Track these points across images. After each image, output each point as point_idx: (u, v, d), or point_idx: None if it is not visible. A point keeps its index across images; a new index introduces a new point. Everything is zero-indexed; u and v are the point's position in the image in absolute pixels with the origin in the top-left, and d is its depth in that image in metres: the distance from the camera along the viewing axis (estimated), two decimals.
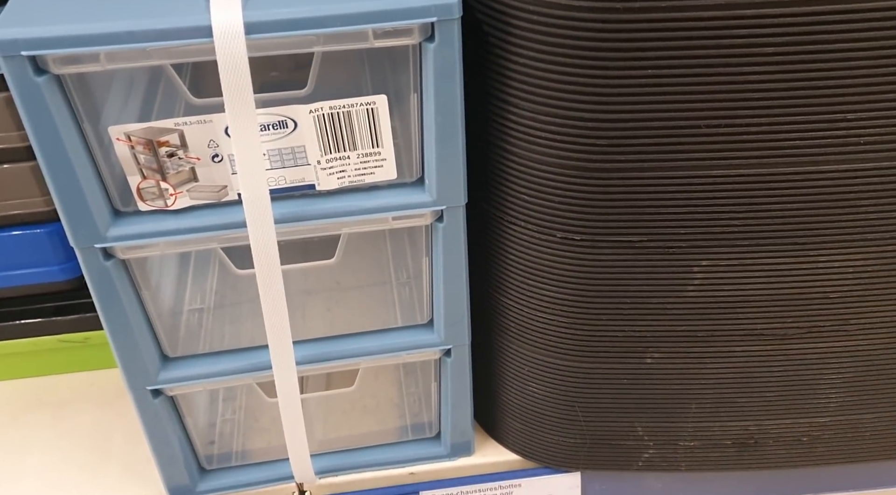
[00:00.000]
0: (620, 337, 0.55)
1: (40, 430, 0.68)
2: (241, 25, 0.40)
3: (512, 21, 0.43)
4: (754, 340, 0.55)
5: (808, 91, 0.43)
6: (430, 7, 0.42)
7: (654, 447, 0.62)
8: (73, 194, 0.45)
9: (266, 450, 0.64)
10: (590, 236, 0.50)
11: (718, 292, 0.52)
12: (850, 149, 0.45)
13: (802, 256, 0.50)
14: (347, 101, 0.45)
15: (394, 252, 0.66)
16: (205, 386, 0.56)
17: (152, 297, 0.52)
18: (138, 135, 0.44)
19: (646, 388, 0.58)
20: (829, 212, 0.48)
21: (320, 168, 0.47)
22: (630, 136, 0.45)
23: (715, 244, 0.50)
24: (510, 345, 0.58)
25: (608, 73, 0.43)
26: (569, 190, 0.48)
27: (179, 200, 0.47)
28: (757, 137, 0.45)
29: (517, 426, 0.63)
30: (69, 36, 0.39)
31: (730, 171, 0.46)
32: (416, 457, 0.64)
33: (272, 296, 0.48)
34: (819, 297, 0.52)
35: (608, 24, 0.41)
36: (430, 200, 0.49)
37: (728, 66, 0.42)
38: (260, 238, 0.46)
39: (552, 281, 0.53)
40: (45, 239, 0.65)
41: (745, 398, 0.58)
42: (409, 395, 0.67)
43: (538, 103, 0.45)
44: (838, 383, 0.58)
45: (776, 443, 0.61)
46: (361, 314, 0.63)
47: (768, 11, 0.40)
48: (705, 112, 0.44)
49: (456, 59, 0.44)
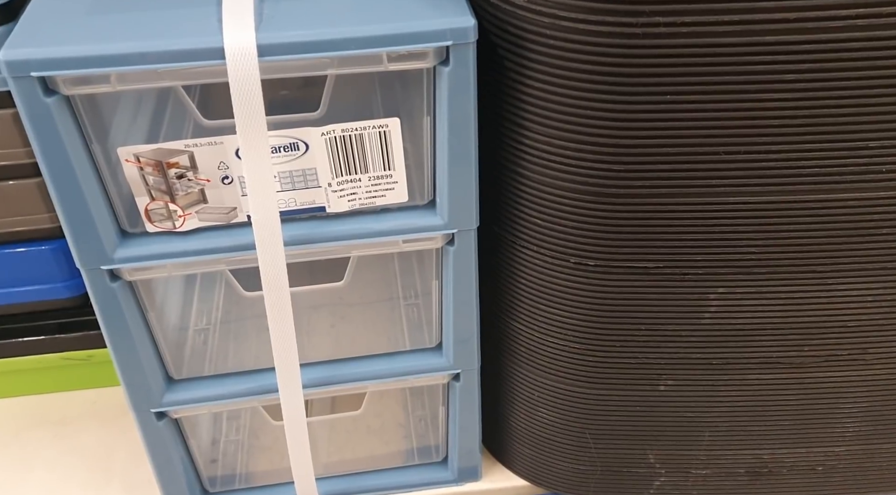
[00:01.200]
0: (634, 363, 0.54)
1: (42, 448, 0.67)
2: (254, 47, 0.39)
3: (528, 45, 0.42)
4: (770, 368, 0.54)
5: (828, 118, 0.42)
6: (446, 31, 0.41)
7: (665, 475, 0.61)
8: (81, 215, 0.44)
9: (270, 473, 0.63)
10: (604, 262, 0.49)
11: (734, 320, 0.51)
12: (872, 177, 0.45)
13: (821, 284, 0.49)
14: (360, 124, 0.44)
15: (401, 272, 0.65)
16: (210, 408, 0.55)
17: (158, 319, 0.51)
18: (147, 156, 0.43)
19: (658, 416, 0.57)
20: (848, 241, 0.47)
21: (331, 190, 0.47)
22: (646, 162, 0.44)
23: (731, 271, 0.49)
24: (520, 369, 0.57)
25: (625, 99, 0.42)
26: (583, 215, 0.47)
27: (188, 222, 0.46)
28: (776, 164, 0.44)
29: (526, 451, 0.62)
30: (80, 57, 0.39)
31: (748, 198, 0.46)
32: (423, 482, 0.63)
33: (280, 320, 0.48)
34: (837, 326, 0.51)
35: (626, 48, 0.40)
36: (441, 223, 0.49)
37: (747, 92, 0.41)
38: (269, 261, 0.45)
39: (564, 306, 0.52)
40: (49, 255, 0.64)
41: (759, 426, 0.57)
42: (416, 418, 0.66)
43: (553, 127, 0.44)
44: (855, 412, 0.56)
45: (791, 473, 0.60)
46: (368, 334, 0.62)
47: (789, 38, 0.39)
48: (724, 138, 0.43)
49: (471, 83, 0.43)
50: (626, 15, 0.39)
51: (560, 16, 0.40)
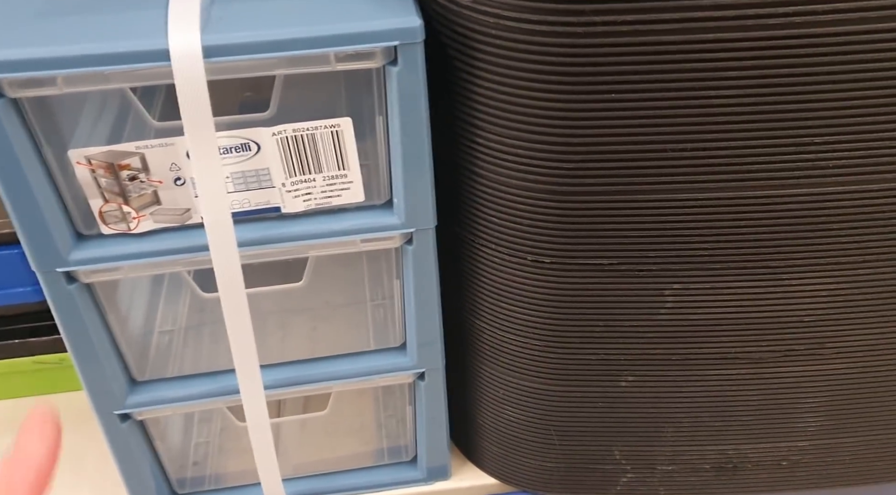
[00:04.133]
0: (594, 360, 0.54)
1: None
2: (199, 49, 0.40)
3: (475, 45, 0.43)
4: (729, 364, 0.54)
5: (773, 114, 0.43)
6: (393, 31, 0.41)
7: (631, 471, 0.61)
8: (33, 218, 0.44)
9: (240, 474, 0.63)
10: (560, 259, 0.49)
11: (691, 315, 0.51)
12: (820, 172, 0.45)
13: (774, 280, 0.50)
14: (311, 124, 0.45)
15: (370, 273, 0.65)
16: (174, 410, 0.55)
17: (119, 321, 0.51)
18: (98, 158, 0.43)
19: (622, 412, 0.57)
20: (799, 236, 0.48)
21: (285, 190, 0.47)
22: (596, 159, 0.45)
23: (686, 267, 0.49)
24: (484, 367, 0.57)
25: (571, 97, 0.42)
26: (537, 213, 0.47)
27: (143, 224, 0.46)
28: (724, 161, 0.44)
29: (494, 450, 0.62)
30: (24, 59, 0.39)
31: (698, 195, 0.46)
32: (392, 482, 0.63)
33: (237, 321, 0.48)
34: (793, 321, 0.52)
35: (569, 47, 0.40)
36: (398, 223, 0.49)
37: (691, 89, 0.42)
38: (223, 262, 0.45)
39: (524, 304, 0.52)
40: (17, 259, 0.64)
41: (721, 422, 0.57)
42: (387, 418, 0.66)
43: (504, 127, 0.45)
44: (816, 407, 0.57)
45: (755, 468, 0.60)
46: (334, 335, 0.62)
47: (729, 35, 0.40)
48: (670, 135, 0.43)
49: (420, 83, 0.43)
50: (567, 14, 0.39)
51: (504, 15, 0.40)
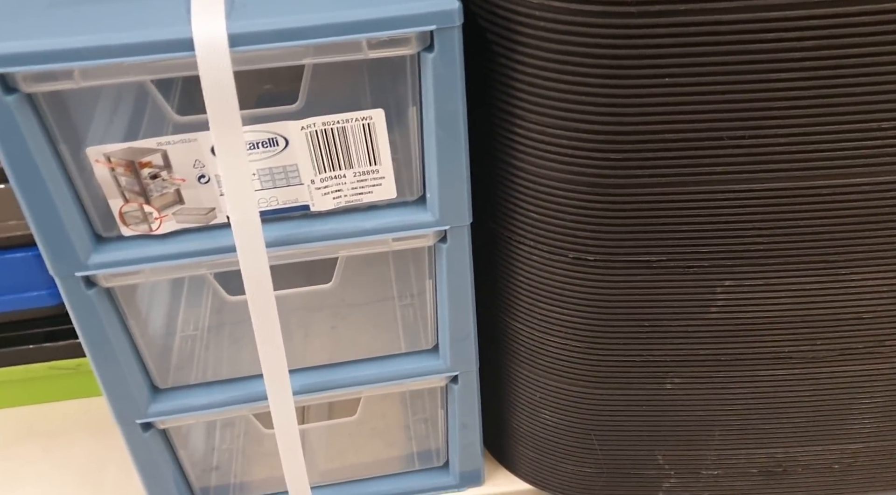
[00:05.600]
0: (638, 361, 0.52)
1: (31, 462, 0.66)
2: (224, 37, 0.37)
3: (518, 28, 0.40)
4: (782, 363, 0.51)
5: (838, 98, 0.40)
6: (429, 14, 0.39)
7: (675, 476, 0.58)
8: (50, 220, 0.42)
9: (265, 482, 0.61)
10: (604, 256, 0.47)
11: (743, 313, 0.49)
12: (885, 160, 0.42)
13: (833, 275, 0.47)
14: (342, 116, 0.42)
15: (397, 272, 0.63)
16: (197, 418, 0.53)
17: (140, 327, 0.49)
18: (118, 156, 0.41)
19: (666, 415, 0.55)
20: (861, 228, 0.45)
21: (314, 187, 0.44)
22: (646, 150, 0.42)
23: (739, 263, 0.46)
24: (521, 370, 0.55)
25: (622, 82, 0.40)
26: (581, 207, 0.45)
27: (165, 224, 0.44)
28: (784, 149, 0.42)
29: (529, 454, 0.60)
30: (39, 51, 0.37)
31: (754, 185, 0.43)
32: (424, 488, 0.62)
33: (266, 325, 0.45)
34: (852, 318, 0.49)
35: (620, 29, 0.38)
36: (432, 220, 0.47)
37: (752, 72, 0.39)
38: (251, 263, 0.43)
39: (564, 303, 0.50)
40: (33, 262, 0.62)
41: (771, 424, 0.55)
42: (416, 422, 0.64)
43: (547, 116, 0.42)
44: (872, 408, 0.54)
45: (806, 471, 0.58)
46: (363, 337, 0.60)
47: (795, 13, 0.37)
48: (728, 122, 0.41)
49: (457, 70, 0.41)
50: None
51: None
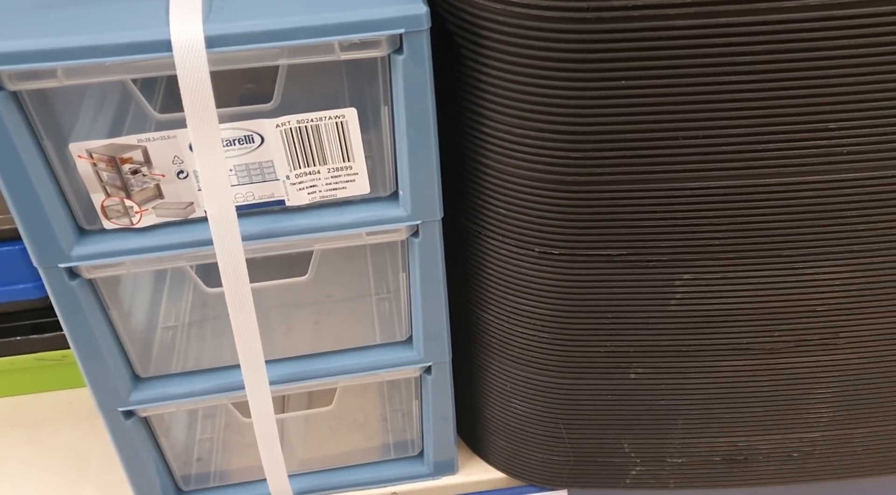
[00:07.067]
0: (603, 352, 0.53)
1: (15, 451, 0.67)
2: (201, 39, 0.39)
3: (483, 33, 0.42)
4: (741, 354, 0.53)
5: (787, 100, 0.42)
6: (398, 18, 0.41)
7: (641, 464, 0.60)
8: (35, 213, 0.43)
9: (245, 471, 0.62)
10: (568, 250, 0.48)
11: (702, 306, 0.51)
12: (834, 159, 0.44)
13: (788, 269, 0.49)
14: (315, 115, 0.44)
15: (375, 266, 0.64)
16: (178, 406, 0.55)
17: (122, 317, 0.51)
18: (100, 151, 0.43)
19: (631, 404, 0.56)
20: (813, 224, 0.47)
21: (290, 183, 0.46)
22: (606, 148, 0.44)
23: (697, 257, 0.48)
24: (492, 361, 0.57)
25: (582, 85, 0.41)
26: (545, 203, 0.47)
27: (145, 218, 0.45)
28: (737, 148, 0.44)
29: (501, 443, 0.61)
30: (24, 51, 0.38)
31: (710, 183, 0.45)
32: (399, 477, 0.63)
33: (242, 316, 0.47)
34: (806, 310, 0.51)
35: (579, 34, 0.39)
36: (404, 215, 0.48)
37: (705, 75, 0.41)
38: (227, 256, 0.45)
39: (532, 296, 0.51)
40: (19, 256, 0.63)
41: (732, 413, 0.57)
42: (392, 413, 0.65)
43: (512, 116, 0.44)
44: (829, 397, 0.56)
45: (766, 459, 0.60)
46: (339, 329, 0.61)
47: (745, 20, 0.39)
48: (683, 123, 0.43)
49: (426, 71, 0.43)
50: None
51: (512, 1, 0.39)
